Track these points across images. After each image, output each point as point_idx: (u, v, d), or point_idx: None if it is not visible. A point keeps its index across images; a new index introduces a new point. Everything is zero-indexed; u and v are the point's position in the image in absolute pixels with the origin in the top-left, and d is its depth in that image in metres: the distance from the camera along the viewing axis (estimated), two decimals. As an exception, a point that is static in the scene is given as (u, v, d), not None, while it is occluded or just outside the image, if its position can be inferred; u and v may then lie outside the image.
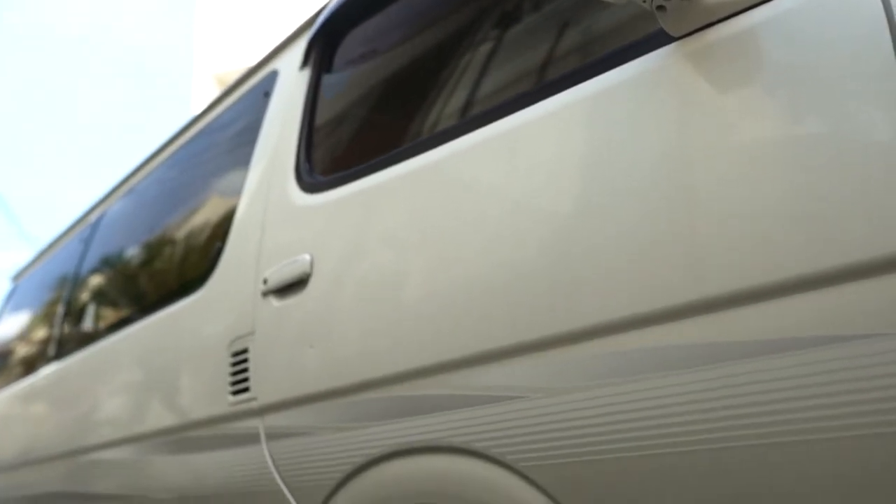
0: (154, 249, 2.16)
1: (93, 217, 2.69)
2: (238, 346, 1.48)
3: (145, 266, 2.19)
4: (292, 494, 1.30)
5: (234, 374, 1.48)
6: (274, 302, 1.39)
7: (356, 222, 1.26)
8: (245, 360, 1.45)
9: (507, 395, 0.96)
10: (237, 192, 1.67)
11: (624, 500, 0.83)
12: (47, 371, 2.49)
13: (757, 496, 0.72)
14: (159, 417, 1.74)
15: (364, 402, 1.17)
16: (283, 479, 1.32)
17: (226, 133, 1.92)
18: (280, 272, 1.38)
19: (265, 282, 1.42)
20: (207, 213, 1.87)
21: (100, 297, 2.45)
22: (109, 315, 2.30)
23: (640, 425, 0.81)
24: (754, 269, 0.74)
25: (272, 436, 1.37)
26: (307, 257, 1.32)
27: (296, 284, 1.34)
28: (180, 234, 2.00)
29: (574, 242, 0.91)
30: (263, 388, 1.39)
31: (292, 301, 1.34)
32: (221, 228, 1.69)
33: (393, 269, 1.16)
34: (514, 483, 0.94)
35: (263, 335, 1.41)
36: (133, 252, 2.31)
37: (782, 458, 0.70)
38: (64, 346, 2.46)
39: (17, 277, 3.43)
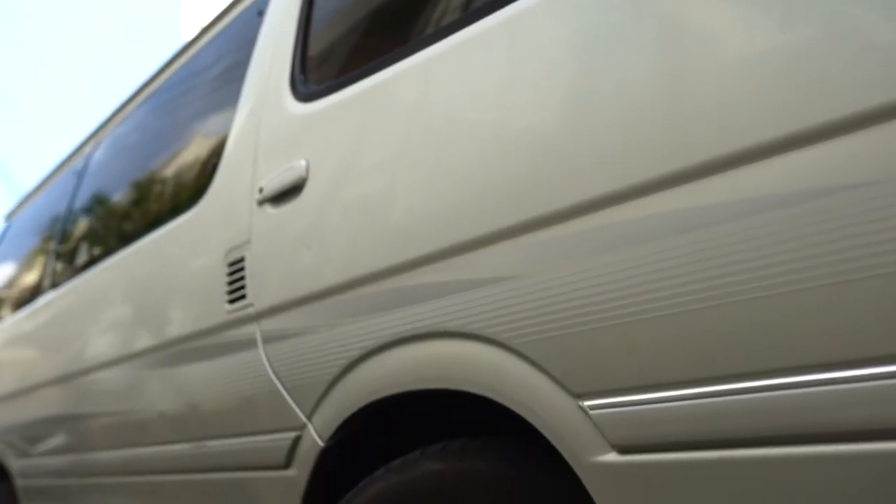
0: (150, 175, 2.17)
1: (86, 150, 2.70)
2: (234, 256, 1.50)
3: (141, 191, 2.21)
4: (289, 393, 1.34)
5: (231, 283, 1.50)
6: (270, 209, 1.41)
7: (351, 125, 1.28)
8: (241, 269, 1.48)
9: (499, 276, 0.98)
10: (233, 110, 1.68)
11: (621, 367, 0.84)
12: (46, 299, 2.51)
13: (764, 347, 0.73)
14: (158, 332, 1.77)
15: (358, 298, 1.20)
16: (279, 379, 1.36)
17: (220, 55, 1.93)
18: (276, 179, 1.40)
19: (261, 191, 1.44)
20: (203, 135, 1.88)
21: (95, 224, 2.47)
22: (105, 241, 2.32)
23: (639, 290, 0.82)
24: (755, 129, 0.74)
25: (268, 339, 1.40)
26: (303, 163, 1.34)
27: (292, 191, 1.36)
28: (176, 157, 2.01)
29: (564, 123, 0.93)
30: (260, 293, 1.42)
31: (288, 207, 1.36)
32: (217, 146, 1.71)
33: (387, 166, 1.18)
34: (511, 361, 0.96)
35: (260, 243, 1.44)
36: (128, 179, 2.32)
37: (791, 309, 0.71)
38: (62, 274, 2.48)
39: (11, 216, 3.44)
